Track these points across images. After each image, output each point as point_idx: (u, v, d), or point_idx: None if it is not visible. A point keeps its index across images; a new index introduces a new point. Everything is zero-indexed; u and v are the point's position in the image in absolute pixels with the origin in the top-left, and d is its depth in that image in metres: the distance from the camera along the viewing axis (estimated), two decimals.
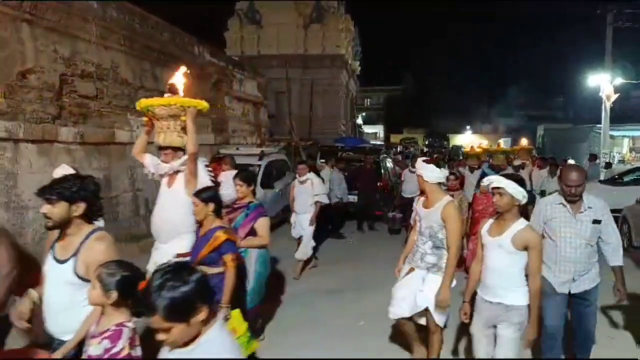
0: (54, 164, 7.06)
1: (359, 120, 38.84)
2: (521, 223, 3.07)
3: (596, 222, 3.41)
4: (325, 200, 7.18)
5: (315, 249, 7.24)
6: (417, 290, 3.61)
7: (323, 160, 11.75)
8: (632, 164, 19.30)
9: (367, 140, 26.32)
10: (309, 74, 23.97)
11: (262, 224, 4.16)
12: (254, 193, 4.36)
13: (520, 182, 3.10)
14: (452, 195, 4.80)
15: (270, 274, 4.53)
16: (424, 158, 3.99)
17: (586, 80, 19.66)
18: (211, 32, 23.14)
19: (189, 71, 4.41)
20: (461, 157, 14.48)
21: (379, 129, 49.52)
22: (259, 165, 9.30)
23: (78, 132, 7.46)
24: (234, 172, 5.38)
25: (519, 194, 3.02)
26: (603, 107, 18.01)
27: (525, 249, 2.99)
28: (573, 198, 3.37)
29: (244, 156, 9.77)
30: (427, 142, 40.72)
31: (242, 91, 15.27)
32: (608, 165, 15.57)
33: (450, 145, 39.27)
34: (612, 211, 9.84)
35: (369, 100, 54.71)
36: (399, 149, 28.98)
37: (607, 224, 3.46)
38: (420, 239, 3.73)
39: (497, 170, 9.23)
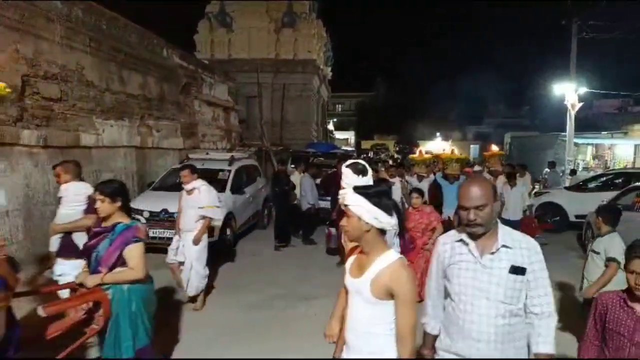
0: (15, 168, 6.78)
1: (330, 126, 38.97)
2: (386, 258, 2.08)
3: (517, 271, 2.06)
4: (216, 216, 5.69)
5: (210, 277, 5.84)
6: None
7: (293, 166, 11.70)
8: (595, 170, 19.97)
9: (338, 146, 26.42)
10: (280, 79, 23.93)
11: (133, 252, 3.11)
12: (127, 211, 3.27)
13: (379, 196, 2.11)
14: None
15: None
16: (351, 161, 3.22)
17: (551, 89, 20.26)
18: (180, 35, 22.83)
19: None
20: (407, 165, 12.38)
21: (350, 135, 49.85)
22: (229, 171, 9.17)
23: (41, 135, 7.18)
24: (79, 184, 4.50)
25: (368, 214, 2.07)
26: (568, 115, 18.59)
27: (392, 297, 2.02)
28: (474, 229, 2.11)
29: (214, 161, 9.64)
30: (397, 149, 41.23)
31: (212, 95, 15.09)
32: (573, 172, 16.06)
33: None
34: (578, 217, 9.84)
35: (340, 106, 55.08)
36: (370, 154, 29.17)
37: (536, 277, 2.09)
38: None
39: (452, 180, 8.11)
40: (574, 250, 8.57)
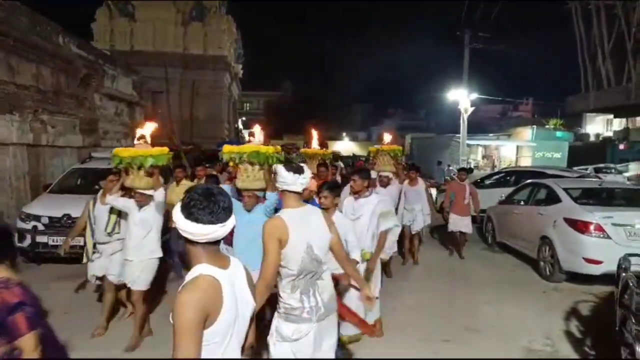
0: None
1: (240, 124, 38.40)
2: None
3: None
4: None
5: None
6: None
7: (208, 165, 11.25)
8: (485, 169, 22.00)
9: None
10: (189, 75, 23.04)
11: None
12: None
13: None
14: None
15: None
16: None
17: (446, 95, 21.87)
18: (75, 21, 21.02)
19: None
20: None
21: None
22: None
23: None
24: None
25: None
26: (461, 119, 20.21)
27: None
28: None
29: None
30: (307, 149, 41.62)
31: (115, 89, 14.12)
32: (470, 170, 17.40)
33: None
34: (478, 211, 10.55)
35: (248, 104, 54.45)
36: (282, 154, 29.25)
37: None
38: None
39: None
40: (476, 243, 9.28)
